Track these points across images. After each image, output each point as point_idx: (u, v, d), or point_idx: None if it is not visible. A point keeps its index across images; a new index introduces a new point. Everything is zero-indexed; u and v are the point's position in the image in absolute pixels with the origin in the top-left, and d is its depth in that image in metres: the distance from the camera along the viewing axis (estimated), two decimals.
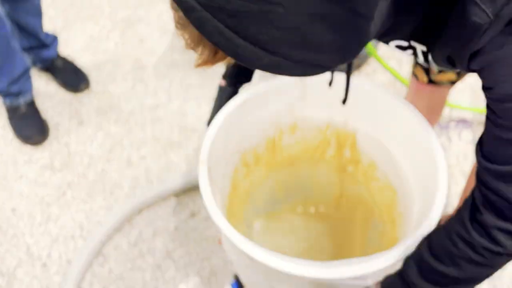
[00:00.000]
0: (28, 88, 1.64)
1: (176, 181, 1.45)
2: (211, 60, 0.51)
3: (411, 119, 0.94)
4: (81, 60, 1.85)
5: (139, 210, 1.43)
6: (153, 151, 1.59)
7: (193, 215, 1.43)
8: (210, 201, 0.84)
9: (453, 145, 1.56)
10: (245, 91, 1.01)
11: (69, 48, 1.90)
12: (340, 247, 1.23)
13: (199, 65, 0.52)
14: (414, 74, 1.06)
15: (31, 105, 1.67)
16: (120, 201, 1.47)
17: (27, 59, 1.67)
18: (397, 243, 0.77)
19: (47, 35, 1.70)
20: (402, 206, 1.06)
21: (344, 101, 0.87)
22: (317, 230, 1.25)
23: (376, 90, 1.00)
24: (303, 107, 1.09)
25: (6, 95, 1.61)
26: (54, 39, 1.74)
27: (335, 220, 1.26)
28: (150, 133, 1.64)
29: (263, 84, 1.01)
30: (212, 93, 1.74)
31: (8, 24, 1.48)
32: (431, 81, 1.04)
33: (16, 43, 1.54)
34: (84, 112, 1.71)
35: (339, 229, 1.26)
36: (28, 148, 1.60)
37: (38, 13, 1.59)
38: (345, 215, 1.26)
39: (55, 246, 1.37)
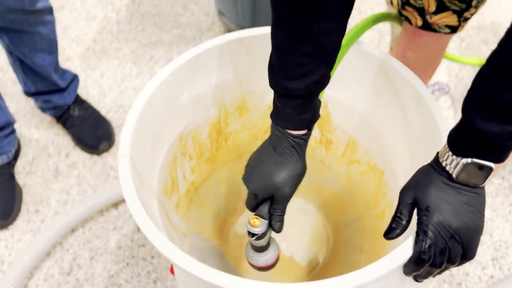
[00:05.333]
0: (4, 150, 1.22)
1: (114, 188, 1.19)
2: None
3: (396, 76, 0.73)
4: None
5: (72, 229, 1.17)
6: (85, 156, 1.32)
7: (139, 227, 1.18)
8: (135, 205, 0.60)
9: None
10: (179, 56, 0.77)
11: None
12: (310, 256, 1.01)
13: None
14: (406, 17, 0.86)
15: (4, 171, 1.22)
16: (48, 221, 1.20)
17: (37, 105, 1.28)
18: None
19: (62, 74, 1.27)
20: (391, 193, 0.84)
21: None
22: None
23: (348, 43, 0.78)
24: (252, 78, 0.86)
25: None
26: (73, 80, 1.31)
27: (302, 222, 1.05)
28: None
29: (200, 46, 0.78)
30: None
31: None
32: (426, 25, 0.83)
33: None
34: None
35: (308, 234, 1.04)
36: None
37: (50, 50, 1.17)
38: (315, 216, 1.04)
39: None
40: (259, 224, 0.65)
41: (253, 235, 0.67)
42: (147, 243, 1.15)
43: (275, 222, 0.67)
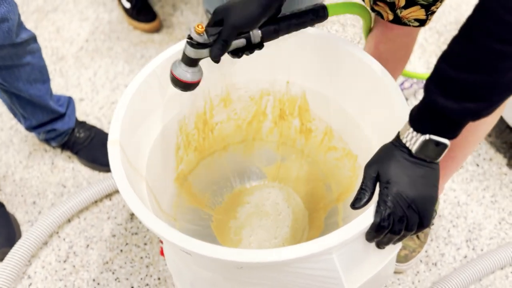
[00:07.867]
0: None
1: (108, 180, 1.25)
2: None
3: (368, 68, 0.79)
4: None
5: (68, 219, 1.23)
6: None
7: (132, 216, 1.24)
8: (126, 189, 0.66)
9: (409, 104, 1.44)
10: (164, 50, 0.83)
11: None
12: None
13: None
14: (378, 12, 0.92)
15: None
16: (45, 212, 1.26)
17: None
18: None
19: (57, 101, 1.25)
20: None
21: None
22: (265, 220, 1.10)
23: (323, 36, 0.84)
24: (234, 72, 0.93)
25: None
26: (68, 103, 1.29)
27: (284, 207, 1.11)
28: None
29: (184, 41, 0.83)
30: None
31: None
32: (396, 19, 0.90)
33: None
34: None
35: (290, 219, 1.10)
36: None
37: (42, 79, 1.16)
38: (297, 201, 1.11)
39: None
40: (201, 32, 0.65)
41: (191, 39, 0.66)
42: (139, 231, 1.21)
43: (216, 45, 0.67)
